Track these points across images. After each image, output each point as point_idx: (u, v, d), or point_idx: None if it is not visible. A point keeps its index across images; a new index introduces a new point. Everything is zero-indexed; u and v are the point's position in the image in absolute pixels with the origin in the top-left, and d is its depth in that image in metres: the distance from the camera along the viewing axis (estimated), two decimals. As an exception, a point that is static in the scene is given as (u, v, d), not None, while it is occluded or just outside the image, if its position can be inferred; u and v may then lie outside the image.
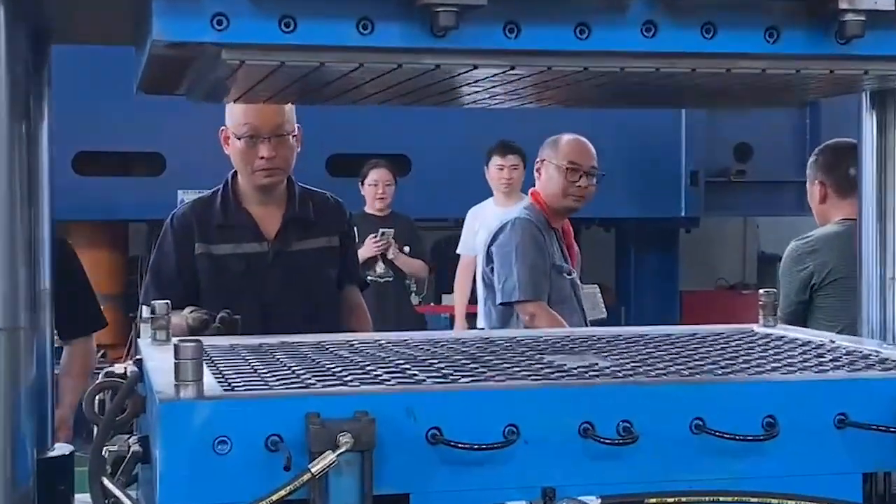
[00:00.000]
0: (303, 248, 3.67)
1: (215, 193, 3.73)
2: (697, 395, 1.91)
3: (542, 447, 1.85)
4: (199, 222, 3.66)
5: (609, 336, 2.71)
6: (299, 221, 3.68)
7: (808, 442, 1.92)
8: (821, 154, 4.50)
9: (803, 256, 4.36)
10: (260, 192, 3.67)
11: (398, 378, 2.01)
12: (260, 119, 3.60)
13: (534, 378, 2.03)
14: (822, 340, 2.52)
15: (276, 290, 3.60)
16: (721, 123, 9.26)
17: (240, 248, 3.63)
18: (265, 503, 1.69)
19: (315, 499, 1.73)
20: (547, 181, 5.02)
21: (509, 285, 4.74)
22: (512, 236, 4.80)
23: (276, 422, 1.75)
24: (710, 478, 1.89)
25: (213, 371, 2.08)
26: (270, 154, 3.59)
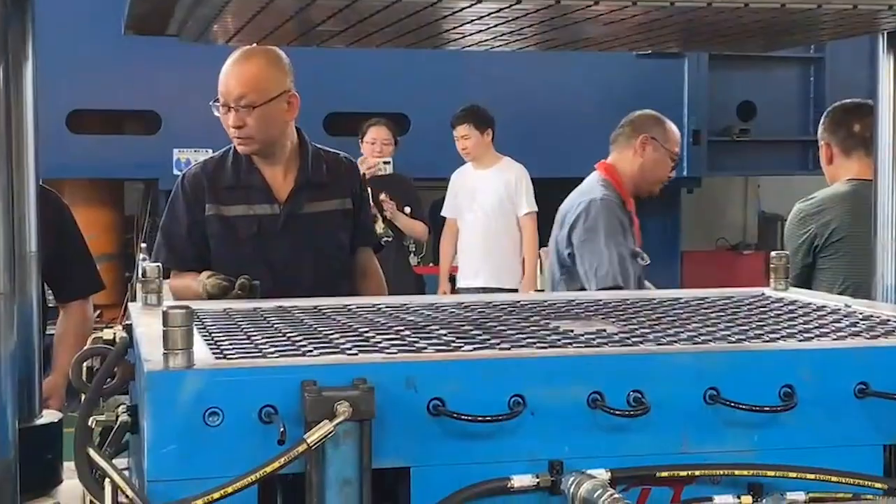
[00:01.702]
0: (315, 210, 3.57)
1: (226, 153, 3.64)
2: (712, 364, 1.82)
3: (549, 419, 1.76)
4: (211, 183, 3.57)
5: (616, 300, 2.62)
6: (312, 183, 3.59)
7: (826, 412, 1.84)
8: (827, 115, 4.46)
9: (807, 219, 4.29)
10: (265, 155, 3.57)
11: (398, 345, 1.92)
12: (227, 87, 3.53)
13: (540, 345, 1.95)
14: (837, 305, 2.43)
15: (288, 253, 3.51)
16: (724, 82, 9.14)
17: (251, 210, 3.54)
18: (259, 475, 1.61)
19: (311, 470, 1.65)
20: (653, 164, 4.68)
21: (602, 272, 4.41)
22: (599, 220, 4.45)
23: (269, 393, 1.67)
24: (724, 450, 1.81)
25: (206, 337, 1.99)
26: (236, 123, 3.51)
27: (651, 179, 4.74)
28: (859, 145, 4.30)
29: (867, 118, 4.29)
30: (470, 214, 7.25)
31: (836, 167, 4.38)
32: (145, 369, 1.67)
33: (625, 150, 4.71)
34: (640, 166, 4.68)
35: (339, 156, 3.73)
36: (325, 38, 2.60)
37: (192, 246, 3.54)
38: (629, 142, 4.71)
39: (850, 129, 4.33)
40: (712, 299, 2.59)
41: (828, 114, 4.47)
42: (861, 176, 4.29)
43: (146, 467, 1.66)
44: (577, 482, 1.70)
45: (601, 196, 4.54)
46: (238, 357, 1.80)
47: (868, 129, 4.25)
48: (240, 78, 3.51)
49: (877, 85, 2.70)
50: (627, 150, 4.70)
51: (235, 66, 3.53)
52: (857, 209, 4.20)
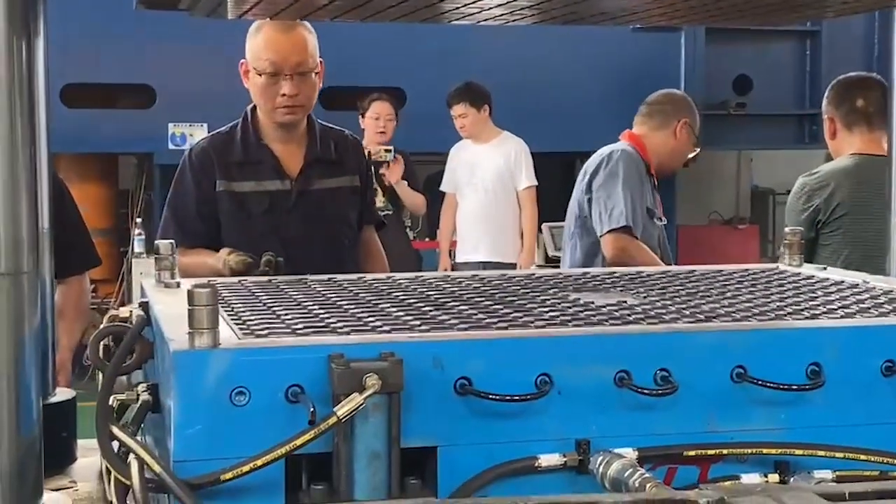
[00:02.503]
0: (325, 186, 3.55)
1: (233, 129, 3.60)
2: (739, 343, 1.81)
3: (576, 398, 1.75)
4: (220, 158, 3.52)
5: (630, 273, 2.62)
6: (322, 160, 3.56)
7: (854, 391, 1.83)
8: (831, 89, 4.45)
9: (811, 193, 4.29)
10: (281, 130, 3.54)
11: (424, 320, 1.91)
12: (282, 55, 3.46)
13: (563, 318, 1.94)
14: (855, 281, 2.42)
15: (299, 230, 3.48)
16: (720, 56, 9.13)
17: (261, 186, 3.50)
18: (289, 448, 1.59)
19: (339, 444, 1.63)
20: (683, 147, 4.69)
21: (617, 212, 4.40)
22: (620, 166, 4.46)
23: (296, 372, 1.65)
24: (752, 428, 1.80)
25: (230, 314, 1.97)
26: (293, 91, 3.45)
27: (677, 162, 4.77)
28: (861, 120, 4.30)
29: (871, 92, 4.30)
30: (469, 189, 7.23)
31: (839, 141, 4.38)
32: (171, 349, 1.65)
33: (661, 129, 4.69)
34: (672, 148, 4.69)
35: (344, 133, 3.71)
36: (337, 14, 2.57)
37: (202, 221, 3.50)
38: (668, 121, 4.69)
39: (853, 103, 4.33)
40: (728, 273, 2.59)
41: (831, 88, 4.45)
42: (864, 150, 4.29)
43: (172, 448, 1.64)
44: (605, 462, 1.69)
45: (623, 148, 4.57)
46: (268, 333, 1.79)
47: (871, 103, 4.26)
48: (297, 45, 3.46)
49: (892, 59, 2.68)
50: (664, 129, 4.69)
51: (285, 35, 3.47)
52: (861, 184, 4.21)
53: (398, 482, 1.66)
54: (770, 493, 1.39)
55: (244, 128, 3.57)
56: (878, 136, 4.26)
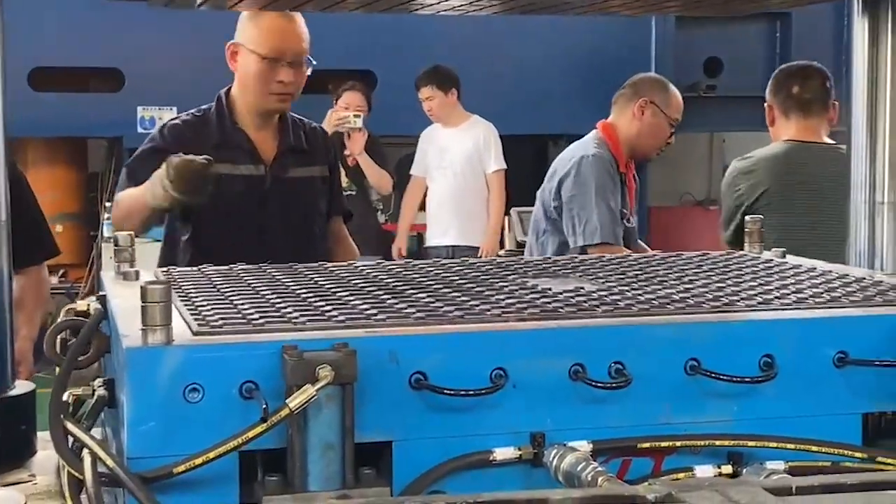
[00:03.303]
0: (299, 175, 3.55)
1: (206, 113, 3.56)
2: (693, 335, 1.82)
3: (531, 391, 1.76)
4: (196, 137, 3.46)
5: (592, 259, 2.64)
6: (294, 149, 3.56)
7: (806, 382, 1.85)
8: (772, 78, 4.52)
9: (737, 177, 4.35)
10: (259, 117, 3.52)
11: (381, 309, 1.91)
12: (286, 41, 3.46)
13: (519, 305, 1.95)
14: (813, 265, 2.44)
15: (274, 216, 3.47)
16: (690, 38, 9.14)
17: (237, 170, 3.47)
18: (241, 440, 1.60)
19: (293, 435, 1.64)
20: (651, 128, 4.68)
21: (591, 228, 4.42)
22: (590, 174, 4.47)
23: (250, 368, 1.65)
24: (705, 420, 1.81)
25: (187, 305, 1.97)
26: (290, 79, 3.45)
27: (648, 144, 4.75)
28: (796, 107, 4.38)
29: (809, 80, 4.39)
30: (438, 173, 7.23)
31: (777, 128, 4.44)
32: (123, 346, 1.65)
33: (624, 112, 4.71)
34: (637, 130, 4.69)
35: (313, 124, 3.72)
36: (301, 3, 2.57)
37: None
38: (629, 104, 4.71)
39: (789, 91, 4.40)
40: (687, 258, 2.61)
41: (773, 76, 4.53)
42: (797, 137, 4.35)
43: (126, 445, 1.64)
44: (559, 455, 1.70)
45: (593, 153, 4.55)
46: (222, 324, 1.79)
47: (807, 91, 4.37)
48: (299, 33, 3.46)
49: (851, 49, 2.69)
50: (626, 111, 4.70)
51: (289, 23, 3.46)
52: (789, 171, 4.27)
53: (352, 473, 1.66)
54: (718, 488, 1.39)
55: (219, 111, 3.54)
56: (813, 124, 4.35)
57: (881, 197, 2.67)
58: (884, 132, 2.65)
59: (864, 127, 2.69)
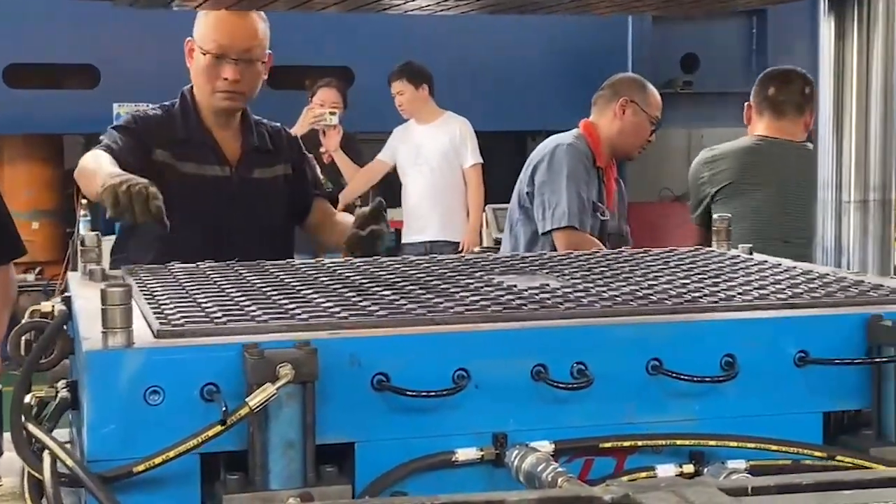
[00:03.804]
0: (263, 176, 3.49)
1: (171, 108, 3.48)
2: (654, 336, 1.83)
3: (493, 392, 1.76)
4: (162, 133, 3.40)
5: (559, 256, 2.65)
6: (259, 149, 3.50)
7: (767, 381, 1.86)
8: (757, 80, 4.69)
9: (701, 167, 4.51)
10: (220, 116, 3.47)
11: (344, 307, 1.92)
12: (229, 37, 3.37)
13: (483, 302, 1.96)
14: (778, 262, 2.46)
15: (241, 218, 3.40)
16: (667, 34, 9.17)
17: (202, 170, 3.40)
18: (201, 439, 1.59)
19: (254, 433, 1.64)
20: (632, 127, 4.72)
21: (559, 212, 4.44)
22: (564, 162, 4.51)
23: (211, 370, 1.65)
24: (667, 420, 1.82)
25: (151, 303, 1.97)
26: (234, 77, 3.37)
27: (630, 143, 4.80)
28: (770, 107, 4.56)
29: (788, 84, 4.57)
30: (414, 170, 7.23)
31: (751, 127, 4.61)
32: (84, 348, 1.65)
33: (605, 112, 4.75)
34: (618, 129, 4.73)
35: (279, 127, 3.65)
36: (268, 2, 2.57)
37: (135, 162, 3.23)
38: (609, 104, 4.75)
39: (766, 91, 4.56)
40: (655, 254, 2.63)
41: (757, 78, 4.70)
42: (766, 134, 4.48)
43: (86, 447, 1.64)
44: (520, 456, 1.71)
45: (569, 142, 4.61)
46: (185, 322, 1.79)
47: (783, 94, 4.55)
48: (246, 30, 3.38)
49: (818, 48, 2.71)
50: (607, 111, 4.74)
51: (237, 18, 3.38)
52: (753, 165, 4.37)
53: (314, 471, 1.67)
54: (674, 489, 1.40)
55: (184, 107, 3.47)
56: (785, 125, 4.48)
57: (847, 196, 2.70)
58: (850, 132, 2.68)
59: (831, 126, 2.71)
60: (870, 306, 1.97)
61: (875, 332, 1.87)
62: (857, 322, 1.90)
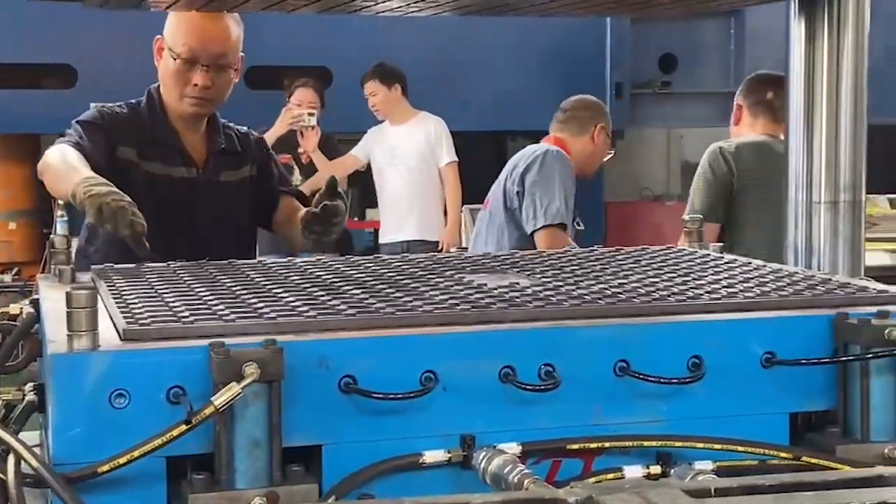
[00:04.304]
0: (230, 179, 3.43)
1: (137, 106, 3.39)
2: (622, 337, 1.84)
3: (460, 394, 1.77)
4: (129, 129, 3.30)
5: (530, 255, 2.67)
6: (226, 151, 3.43)
7: (734, 382, 1.87)
8: (745, 81, 4.65)
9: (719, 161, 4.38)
10: (187, 117, 3.42)
11: (312, 305, 1.92)
12: (202, 42, 3.27)
13: (452, 301, 1.96)
14: (748, 261, 2.47)
15: (207, 220, 3.34)
16: (646, 34, 9.18)
17: (168, 171, 3.31)
18: (166, 439, 1.59)
19: (220, 433, 1.64)
20: (602, 149, 4.85)
21: (552, 209, 4.48)
22: (555, 166, 4.57)
23: (177, 373, 1.65)
24: (634, 421, 1.83)
25: (119, 303, 1.96)
26: (205, 83, 3.28)
27: (594, 166, 4.93)
28: (767, 111, 4.53)
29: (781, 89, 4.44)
30: (391, 170, 7.22)
31: (741, 127, 4.55)
32: (49, 351, 1.64)
33: (580, 135, 4.82)
34: (591, 152, 4.82)
35: (246, 131, 3.58)
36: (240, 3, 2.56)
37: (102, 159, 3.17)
38: (586, 127, 4.82)
39: (763, 95, 4.51)
40: (627, 252, 2.65)
41: (747, 80, 4.65)
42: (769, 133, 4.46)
43: (52, 450, 1.64)
44: (487, 457, 1.71)
45: (557, 150, 4.67)
46: (152, 322, 1.78)
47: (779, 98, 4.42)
48: (219, 35, 3.29)
49: (788, 49, 2.72)
50: (583, 135, 4.82)
51: (211, 23, 3.29)
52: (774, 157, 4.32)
53: (280, 470, 1.67)
54: (638, 491, 1.41)
55: (151, 105, 3.38)
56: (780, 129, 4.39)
57: (818, 196, 2.71)
58: (820, 132, 2.70)
59: (801, 128, 2.73)
60: (835, 308, 1.98)
61: (841, 331, 1.89)
62: (823, 323, 1.92)
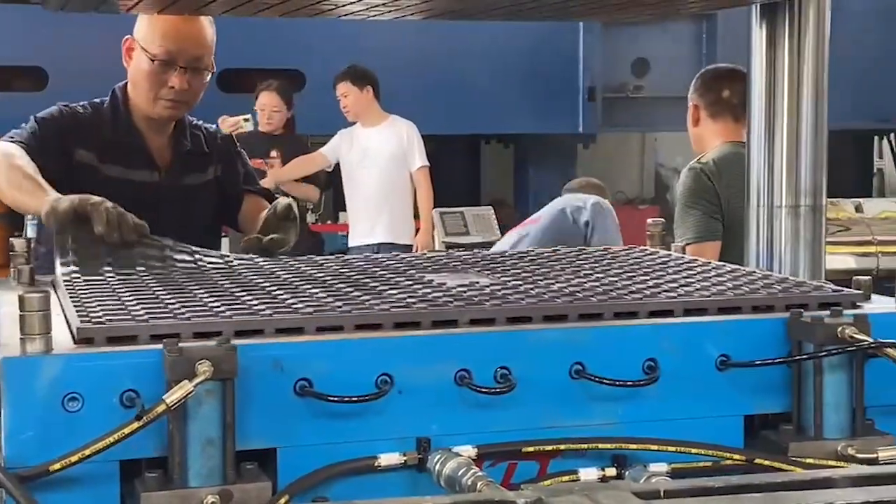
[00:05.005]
0: (193, 182, 3.38)
1: (100, 106, 3.31)
2: (577, 340, 1.85)
3: (416, 397, 1.77)
4: (91, 130, 3.22)
5: (495, 254, 2.69)
6: (192, 152, 3.35)
7: (689, 385, 1.88)
8: (698, 78, 4.40)
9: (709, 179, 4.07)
10: (158, 119, 3.30)
11: (268, 304, 1.93)
12: (180, 44, 3.21)
13: (409, 300, 1.97)
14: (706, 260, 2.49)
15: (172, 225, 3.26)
16: (618, 39, 9.21)
17: (127, 174, 3.23)
18: (117, 437, 1.58)
19: (173, 431, 1.64)
20: None
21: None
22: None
23: (130, 376, 1.65)
24: (590, 423, 1.84)
25: (76, 303, 1.95)
26: (182, 86, 3.20)
27: None
28: (726, 110, 4.23)
29: (736, 84, 4.22)
30: (362, 172, 7.21)
31: (701, 129, 4.30)
32: (1, 355, 1.64)
33: None
34: None
35: (213, 128, 3.52)
36: (205, 3, 2.55)
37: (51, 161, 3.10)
38: None
39: (719, 94, 4.25)
40: (589, 252, 2.66)
41: (699, 76, 4.39)
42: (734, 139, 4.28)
43: (5, 454, 1.63)
44: (442, 460, 1.72)
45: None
46: (107, 321, 1.78)
47: (736, 95, 4.22)
48: (198, 37, 3.24)
49: (750, 56, 2.73)
50: None
51: (188, 24, 3.23)
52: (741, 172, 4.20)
53: (234, 468, 1.66)
54: (587, 493, 1.42)
55: (115, 106, 3.30)
56: (740, 127, 4.26)
57: (779, 201, 2.73)
58: (781, 138, 2.71)
59: (763, 132, 2.74)
60: (790, 306, 1.99)
61: (795, 329, 1.90)
62: (778, 325, 1.93)
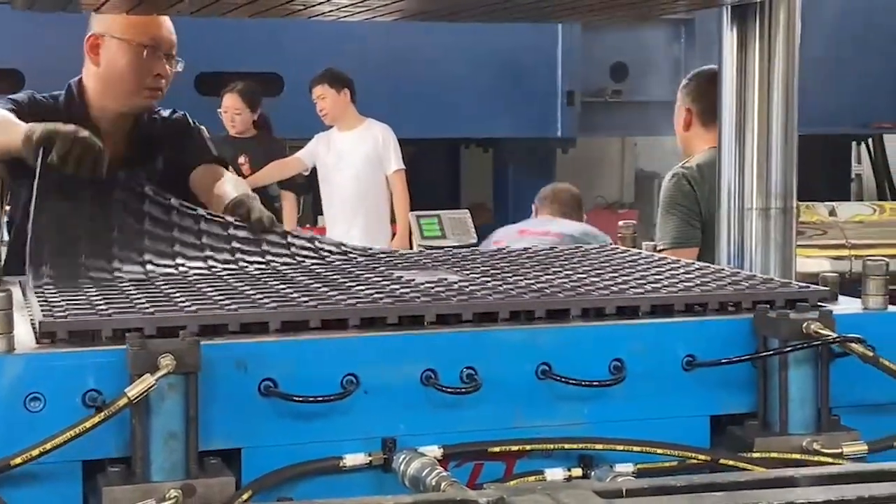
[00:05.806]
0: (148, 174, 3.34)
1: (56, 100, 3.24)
2: (543, 341, 1.85)
3: (382, 397, 1.77)
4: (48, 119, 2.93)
5: (465, 252, 2.69)
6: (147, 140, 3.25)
7: (655, 385, 1.89)
8: (691, 80, 4.17)
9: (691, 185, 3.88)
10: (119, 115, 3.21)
11: (234, 299, 1.92)
12: (163, 31, 3.18)
13: (376, 296, 1.96)
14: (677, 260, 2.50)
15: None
16: (597, 43, 9.22)
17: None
18: (78, 431, 1.58)
19: (136, 425, 1.64)
20: None
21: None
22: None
23: (92, 376, 1.65)
24: (557, 423, 1.84)
25: (41, 301, 1.94)
26: (167, 73, 3.18)
27: None
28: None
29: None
30: (338, 176, 7.19)
31: (691, 135, 4.10)
32: (-38, 354, 1.63)
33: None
34: None
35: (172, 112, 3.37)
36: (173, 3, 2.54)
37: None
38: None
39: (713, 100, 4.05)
40: (560, 251, 2.67)
41: (692, 79, 4.16)
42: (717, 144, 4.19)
43: (-33, 454, 1.62)
44: (406, 460, 1.71)
45: None
46: (72, 317, 1.77)
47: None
48: (170, 26, 3.21)
49: (721, 58, 2.74)
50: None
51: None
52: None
53: (196, 462, 1.66)
54: (549, 492, 1.42)
55: (70, 101, 3.23)
56: None
57: (749, 203, 2.73)
58: (752, 140, 2.72)
59: (733, 135, 2.75)
60: (756, 303, 2.00)
61: (760, 325, 1.91)
62: (745, 325, 1.94)
